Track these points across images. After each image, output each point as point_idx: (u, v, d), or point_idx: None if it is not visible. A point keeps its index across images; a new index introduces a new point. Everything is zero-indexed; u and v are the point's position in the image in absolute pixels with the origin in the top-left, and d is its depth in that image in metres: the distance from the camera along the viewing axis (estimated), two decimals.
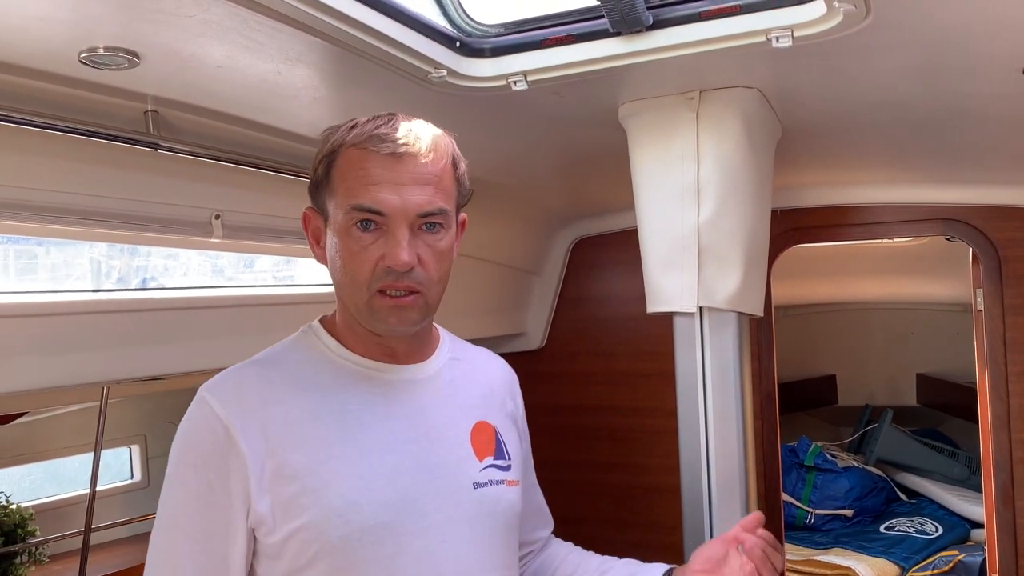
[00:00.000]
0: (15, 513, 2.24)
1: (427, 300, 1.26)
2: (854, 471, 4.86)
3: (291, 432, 1.22)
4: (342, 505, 1.19)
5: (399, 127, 1.23)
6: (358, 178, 1.22)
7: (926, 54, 1.63)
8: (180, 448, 1.23)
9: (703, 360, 1.93)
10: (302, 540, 1.18)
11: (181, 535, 1.20)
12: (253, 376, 1.27)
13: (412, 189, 1.21)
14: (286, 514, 1.19)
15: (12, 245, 2.09)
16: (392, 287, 1.22)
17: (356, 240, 1.22)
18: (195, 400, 1.24)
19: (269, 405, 1.23)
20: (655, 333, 3.05)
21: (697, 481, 1.96)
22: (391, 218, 1.21)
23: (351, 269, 1.24)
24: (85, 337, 1.88)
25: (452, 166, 1.29)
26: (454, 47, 1.70)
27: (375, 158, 1.21)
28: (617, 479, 3.26)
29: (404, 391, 1.32)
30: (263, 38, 1.39)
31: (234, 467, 1.18)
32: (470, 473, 1.32)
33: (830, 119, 2.10)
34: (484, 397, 1.44)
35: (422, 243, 1.24)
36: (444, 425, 1.33)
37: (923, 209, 2.86)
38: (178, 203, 1.89)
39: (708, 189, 1.87)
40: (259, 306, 2.31)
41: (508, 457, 1.40)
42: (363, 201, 1.21)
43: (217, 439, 1.19)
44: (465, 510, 1.29)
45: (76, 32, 1.32)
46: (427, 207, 1.22)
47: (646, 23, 1.60)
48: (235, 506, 1.19)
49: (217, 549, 1.19)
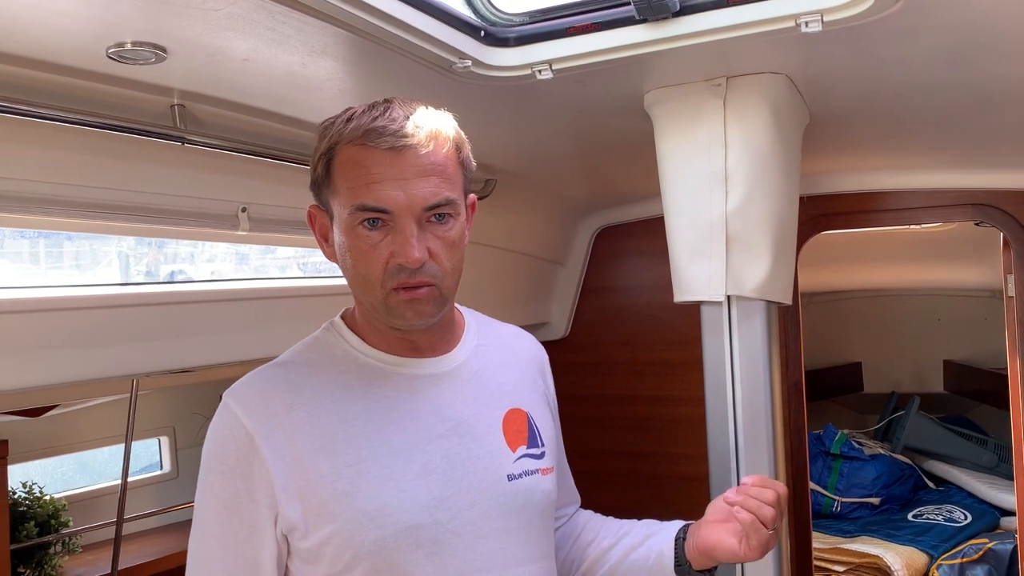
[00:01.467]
0: (49, 504, 2.27)
1: (442, 292, 1.24)
2: (881, 459, 4.82)
3: (317, 436, 1.21)
4: (373, 509, 1.19)
5: (397, 117, 1.19)
6: (359, 176, 1.18)
7: (957, 37, 1.60)
8: (208, 455, 1.24)
9: (731, 349, 1.92)
10: (336, 545, 1.18)
11: (213, 540, 1.22)
12: (277, 380, 1.26)
13: (416, 182, 1.18)
14: (318, 520, 1.19)
15: (42, 239, 2.11)
16: (405, 284, 1.20)
17: (364, 239, 1.20)
18: (220, 406, 1.24)
19: (294, 410, 1.22)
20: (680, 322, 3.04)
21: (725, 470, 1.95)
22: (397, 215, 1.18)
23: (362, 269, 1.21)
24: (114, 331, 1.89)
25: (456, 150, 1.25)
26: (479, 36, 1.69)
27: (375, 154, 1.17)
28: (643, 468, 3.26)
29: (430, 386, 1.30)
30: (289, 30, 1.39)
31: (259, 475, 1.19)
32: (503, 466, 1.30)
33: (859, 104, 2.07)
34: (515, 382, 1.41)
35: (431, 236, 1.20)
36: (474, 418, 1.31)
37: (953, 194, 2.82)
38: (205, 196, 1.90)
39: (736, 176, 1.85)
40: (285, 298, 2.32)
41: (541, 443, 1.38)
42: (367, 200, 1.17)
43: (241, 447, 1.19)
44: (500, 504, 1.28)
45: (103, 27, 1.33)
46: (433, 199, 1.19)
47: (673, 9, 1.58)
48: (262, 512, 1.19)
49: (246, 554, 1.20)
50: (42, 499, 2.28)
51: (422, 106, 1.24)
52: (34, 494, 2.28)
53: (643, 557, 1.45)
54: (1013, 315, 2.76)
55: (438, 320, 1.29)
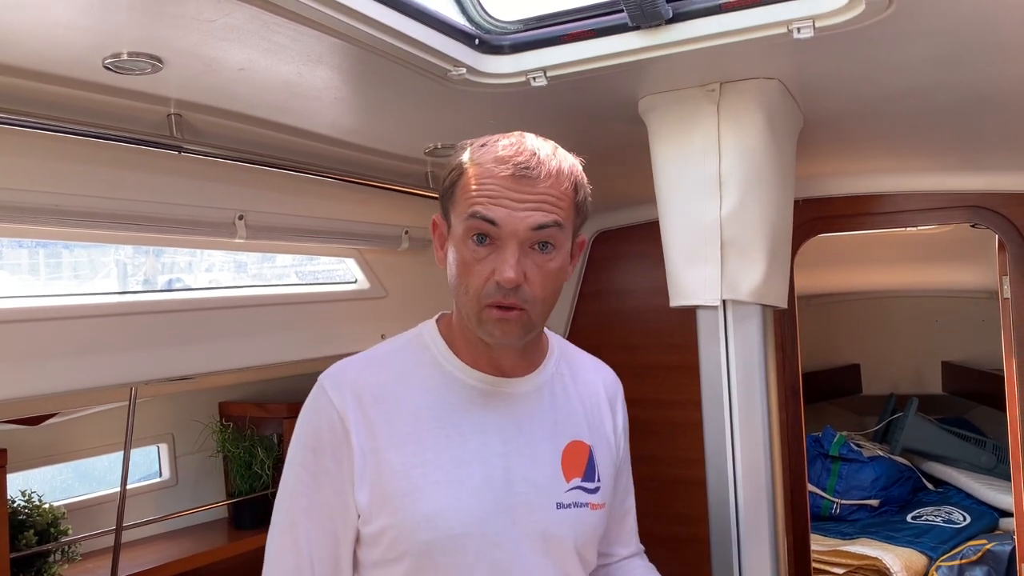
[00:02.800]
0: (48, 512, 2.26)
1: (531, 317, 1.30)
2: (880, 461, 4.83)
3: (394, 433, 1.31)
4: (430, 512, 1.28)
5: (524, 151, 1.28)
6: (479, 190, 1.28)
7: (949, 41, 1.61)
8: (301, 431, 1.35)
9: (727, 353, 1.93)
10: (392, 537, 1.29)
11: (299, 510, 1.32)
12: (368, 372, 1.36)
13: (527, 207, 1.26)
14: (381, 509, 1.29)
15: (41, 249, 2.11)
16: (499, 303, 1.27)
17: (471, 252, 1.28)
18: (317, 388, 1.35)
19: (378, 403, 1.32)
20: (677, 325, 3.04)
21: (723, 473, 1.95)
22: (503, 231, 1.26)
23: (465, 280, 1.30)
24: (113, 339, 1.90)
25: (573, 191, 1.33)
26: (473, 44, 1.70)
27: (496, 176, 1.27)
28: (640, 472, 3.23)
29: (503, 404, 1.38)
30: (284, 40, 1.40)
31: (345, 456, 1.30)
32: (555, 493, 1.38)
33: (853, 108, 2.08)
34: (584, 415, 1.48)
35: (531, 262, 1.28)
36: (536, 442, 1.39)
37: (948, 197, 2.83)
38: (202, 204, 1.91)
39: (730, 181, 1.86)
40: (283, 305, 2.33)
41: (598, 479, 1.44)
42: (480, 210, 1.26)
43: (334, 428, 1.31)
44: (544, 528, 1.35)
45: (100, 38, 1.34)
46: (541, 221, 1.26)
47: (666, 16, 1.59)
48: (346, 490, 1.30)
49: (327, 527, 1.31)
50: (41, 507, 2.27)
51: (552, 145, 1.34)
52: (33, 502, 2.27)
53: None
54: (1009, 317, 2.77)
55: (523, 343, 1.36)
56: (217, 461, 2.87)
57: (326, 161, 2.08)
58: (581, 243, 1.42)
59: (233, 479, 2.81)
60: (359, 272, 2.60)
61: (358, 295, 2.60)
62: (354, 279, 2.62)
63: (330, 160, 2.09)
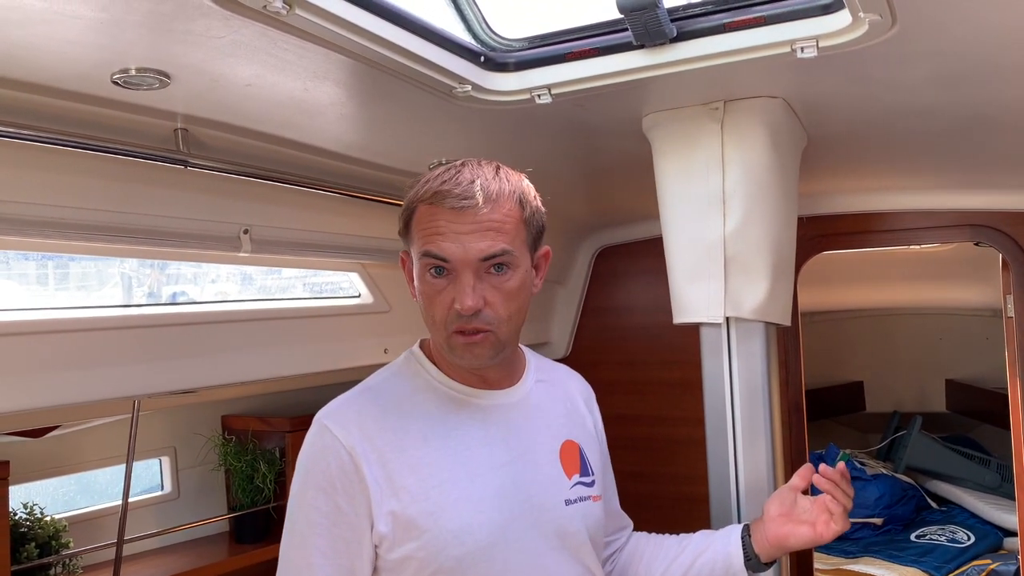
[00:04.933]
0: (49, 525, 2.26)
1: (498, 337, 1.36)
2: (883, 479, 4.81)
3: (405, 457, 1.34)
4: (457, 528, 1.32)
5: (462, 181, 1.33)
6: (427, 230, 1.33)
7: (953, 62, 1.61)
8: (308, 472, 1.36)
9: (730, 371, 1.93)
10: (420, 559, 1.31)
11: (314, 551, 1.33)
12: (368, 404, 1.40)
13: (473, 237, 1.31)
14: (405, 534, 1.31)
15: (49, 261, 2.12)
16: (463, 328, 1.33)
17: (430, 284, 1.35)
18: (316, 428, 1.38)
19: (384, 432, 1.36)
20: (680, 342, 3.03)
21: (725, 491, 1.95)
22: (455, 264, 1.32)
23: (430, 311, 1.37)
24: (116, 352, 1.90)
25: (519, 208, 1.37)
26: (478, 62, 1.71)
27: (441, 211, 1.32)
28: (642, 488, 3.24)
29: (499, 415, 1.44)
30: (291, 57, 1.41)
31: (359, 491, 1.32)
32: (561, 491, 1.45)
33: (856, 127, 2.09)
34: (568, 415, 1.56)
35: (488, 286, 1.33)
36: (536, 446, 1.46)
37: (951, 215, 2.83)
38: (207, 219, 1.92)
39: (734, 199, 1.86)
40: (288, 319, 2.33)
41: (592, 473, 1.52)
42: (431, 248, 1.32)
43: (343, 465, 1.32)
44: (558, 526, 1.42)
45: (109, 54, 1.35)
46: (488, 251, 1.32)
47: (670, 35, 1.60)
48: (362, 525, 1.32)
49: (344, 564, 1.33)
50: (43, 520, 2.27)
51: (493, 168, 1.38)
52: (35, 515, 2.27)
53: (711, 560, 1.61)
54: (1013, 336, 2.77)
55: (497, 363, 1.42)
56: (219, 475, 2.87)
57: (331, 176, 2.08)
58: (546, 255, 1.46)
59: (235, 493, 2.81)
60: (363, 287, 2.61)
61: (361, 309, 2.60)
62: (358, 293, 2.62)
63: (335, 175, 2.09)
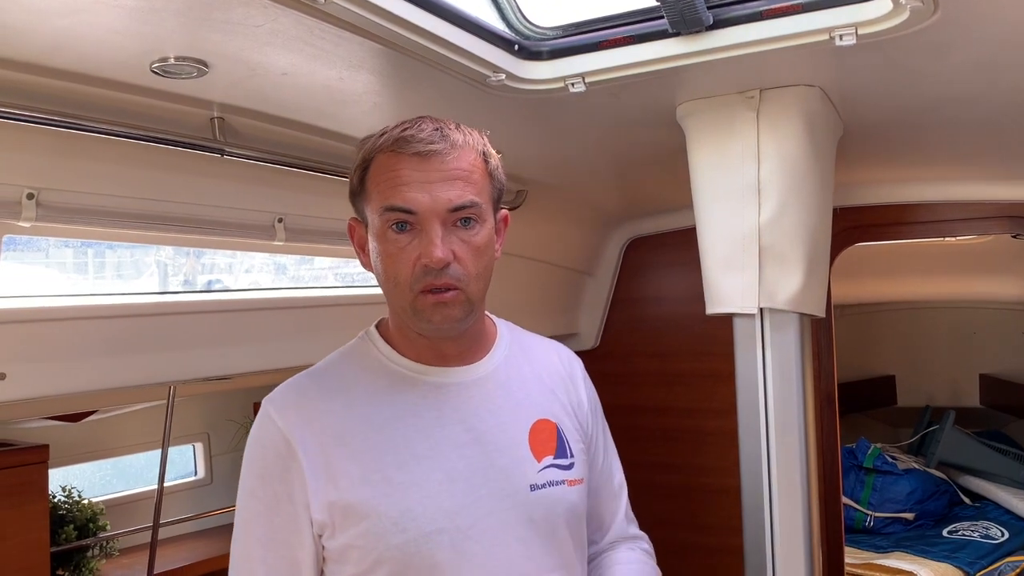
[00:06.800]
0: (87, 508, 2.31)
1: (468, 296, 1.26)
2: (915, 473, 4.75)
3: (347, 442, 1.26)
4: (397, 514, 1.23)
5: (425, 128, 1.25)
6: (388, 180, 1.24)
7: (994, 49, 1.59)
8: (248, 460, 1.30)
9: (764, 362, 1.91)
10: (361, 548, 1.23)
11: (254, 541, 1.27)
12: (311, 387, 1.32)
13: (441, 186, 1.23)
14: (344, 521, 1.24)
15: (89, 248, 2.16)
16: (432, 285, 1.23)
17: (393, 242, 1.25)
18: (260, 413, 1.31)
19: (326, 416, 1.27)
20: (711, 333, 3.02)
21: (757, 483, 1.94)
22: (423, 216, 1.22)
23: (392, 272, 1.26)
24: (153, 338, 1.93)
25: (483, 161, 1.29)
26: (512, 50, 1.71)
27: (403, 160, 1.24)
28: (673, 480, 3.24)
29: (456, 395, 1.33)
30: (327, 45, 1.42)
31: (295, 478, 1.24)
32: (527, 475, 1.32)
33: (893, 116, 2.06)
34: (544, 392, 1.42)
35: (456, 239, 1.24)
36: (499, 427, 1.33)
37: (988, 207, 2.79)
38: (242, 207, 1.93)
39: (769, 189, 1.85)
40: (321, 307, 2.35)
41: (571, 455, 1.38)
42: (395, 201, 1.23)
43: (279, 451, 1.26)
44: (520, 513, 1.30)
45: (148, 43, 1.36)
46: (457, 201, 1.23)
47: (706, 23, 1.59)
48: (299, 513, 1.25)
49: (286, 554, 1.26)
50: (81, 503, 2.32)
51: (453, 122, 1.30)
52: (73, 498, 2.32)
53: None
54: None
55: (466, 327, 1.32)
56: None
57: None
58: (504, 218, 1.37)
59: None
60: None
61: None
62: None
63: None
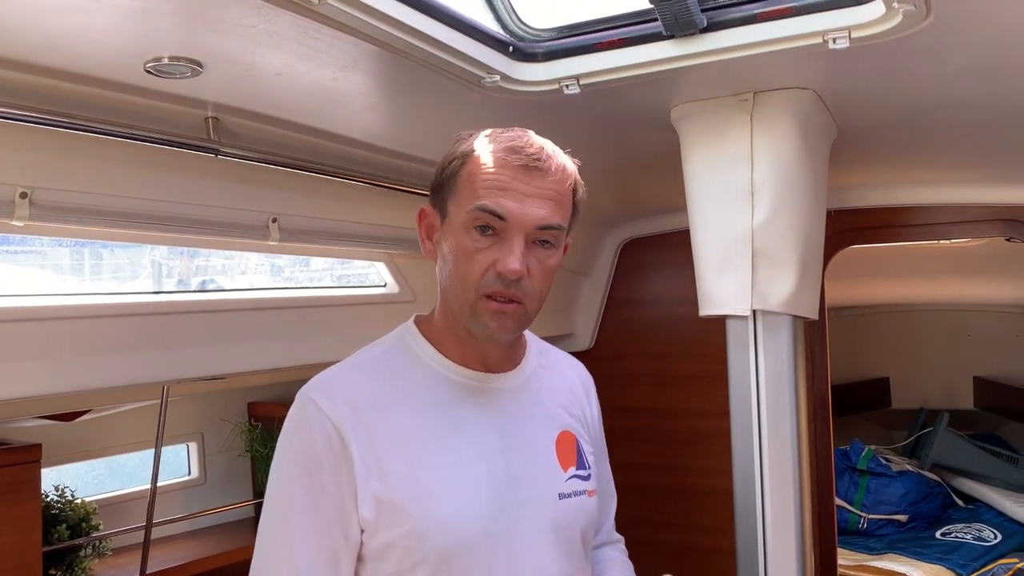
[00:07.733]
0: (80, 507, 2.30)
1: (527, 311, 1.29)
2: (909, 475, 4.76)
3: (395, 439, 1.26)
4: (445, 516, 1.24)
5: (533, 143, 1.28)
6: (487, 181, 1.25)
7: (987, 53, 1.59)
8: (291, 448, 1.27)
9: (757, 364, 1.92)
10: (405, 547, 1.23)
11: (296, 531, 1.24)
12: (359, 381, 1.31)
13: (536, 202, 1.25)
14: (391, 519, 1.23)
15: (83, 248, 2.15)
16: (499, 293, 1.25)
17: (473, 241, 1.25)
18: (300, 402, 1.28)
19: (374, 410, 1.27)
20: (705, 335, 3.02)
21: (750, 485, 1.94)
22: (511, 225, 1.24)
23: (462, 269, 1.26)
24: (147, 338, 1.93)
25: (573, 190, 1.32)
26: (507, 52, 1.71)
27: (508, 166, 1.25)
28: (666, 481, 3.25)
29: (495, 400, 1.36)
30: (321, 46, 1.42)
31: (345, 468, 1.23)
32: (556, 484, 1.36)
33: (887, 119, 2.07)
34: (566, 406, 1.47)
35: (533, 257, 1.26)
36: (532, 435, 1.37)
37: (982, 209, 2.79)
38: (237, 207, 1.93)
39: (763, 191, 1.85)
40: (315, 307, 2.35)
41: (588, 466, 1.43)
42: (488, 204, 1.23)
43: (330, 440, 1.23)
44: (550, 520, 1.33)
45: (143, 43, 1.36)
46: (546, 220, 1.25)
47: (700, 25, 1.59)
48: (347, 505, 1.23)
49: (329, 545, 1.24)
50: (74, 502, 2.31)
51: (551, 143, 1.33)
52: (66, 497, 2.31)
53: None
54: None
55: (512, 339, 1.36)
56: (245, 461, 2.90)
57: (358, 165, 2.10)
58: (567, 247, 1.39)
59: (260, 479, 2.83)
60: (388, 276, 2.62)
61: (387, 299, 2.61)
62: (384, 283, 2.63)
63: (362, 164, 2.11)
